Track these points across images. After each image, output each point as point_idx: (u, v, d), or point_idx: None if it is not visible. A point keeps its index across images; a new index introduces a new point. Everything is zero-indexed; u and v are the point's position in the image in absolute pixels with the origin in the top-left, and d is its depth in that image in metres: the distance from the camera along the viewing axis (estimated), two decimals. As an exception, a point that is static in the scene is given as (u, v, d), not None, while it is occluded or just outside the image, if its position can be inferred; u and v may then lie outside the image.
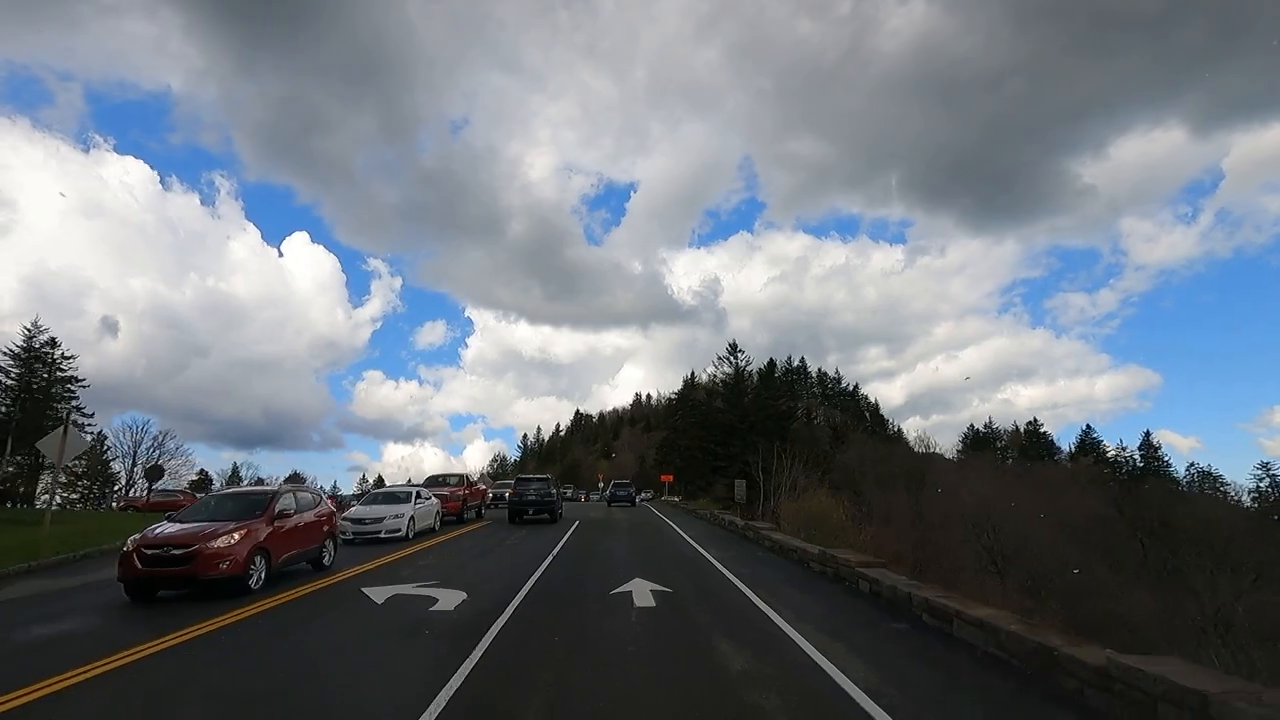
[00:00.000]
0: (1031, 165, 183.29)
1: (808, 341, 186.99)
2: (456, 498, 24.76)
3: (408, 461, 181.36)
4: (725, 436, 39.52)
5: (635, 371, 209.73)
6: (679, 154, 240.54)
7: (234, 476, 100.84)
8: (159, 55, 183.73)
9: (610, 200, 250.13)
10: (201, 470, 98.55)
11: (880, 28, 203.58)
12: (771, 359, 42.18)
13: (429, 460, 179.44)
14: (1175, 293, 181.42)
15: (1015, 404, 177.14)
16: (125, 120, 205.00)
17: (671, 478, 73.06)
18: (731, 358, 43.02)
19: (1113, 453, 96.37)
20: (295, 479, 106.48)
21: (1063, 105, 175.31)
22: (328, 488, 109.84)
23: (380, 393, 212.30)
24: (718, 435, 41.17)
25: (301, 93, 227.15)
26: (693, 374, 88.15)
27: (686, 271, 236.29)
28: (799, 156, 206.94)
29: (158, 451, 72.07)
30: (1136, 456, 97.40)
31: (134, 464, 70.85)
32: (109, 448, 72.17)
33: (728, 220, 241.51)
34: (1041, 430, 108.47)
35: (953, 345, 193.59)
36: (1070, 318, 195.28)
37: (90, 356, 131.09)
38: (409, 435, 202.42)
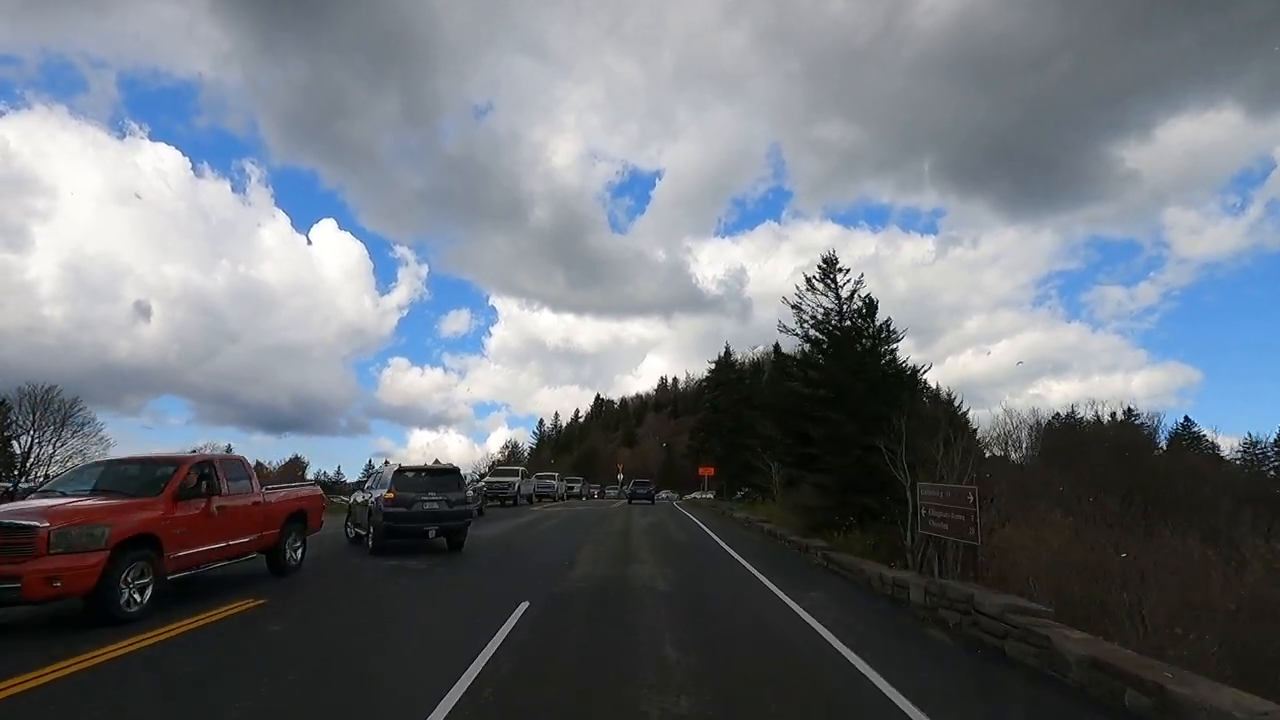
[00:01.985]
0: (1072, 150, 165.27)
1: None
2: (87, 543, 7.35)
3: (433, 448, 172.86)
4: (822, 405, 21.92)
5: (659, 361, 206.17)
6: (706, 141, 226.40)
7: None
8: (188, 40, 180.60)
9: (635, 188, 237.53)
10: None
11: (916, 4, 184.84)
12: (870, 295, 23.80)
13: (453, 446, 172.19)
14: (1219, 287, 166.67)
15: (1048, 399, 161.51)
16: (157, 106, 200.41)
17: (713, 470, 55.87)
18: (828, 279, 25.33)
19: (1238, 448, 79.28)
20: (295, 463, 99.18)
21: (1108, 84, 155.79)
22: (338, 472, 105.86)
23: (406, 379, 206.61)
24: (804, 404, 23.82)
25: (325, 77, 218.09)
26: (728, 348, 70.80)
27: (711, 261, 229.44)
28: (828, 142, 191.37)
29: (63, 425, 59.38)
30: (1271, 453, 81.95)
31: (32, 440, 58.16)
32: (12, 420, 59.31)
33: (754, 209, 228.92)
34: (1135, 420, 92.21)
35: (984, 338, 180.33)
36: (1107, 311, 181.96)
37: (125, 340, 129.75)
38: (434, 422, 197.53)
